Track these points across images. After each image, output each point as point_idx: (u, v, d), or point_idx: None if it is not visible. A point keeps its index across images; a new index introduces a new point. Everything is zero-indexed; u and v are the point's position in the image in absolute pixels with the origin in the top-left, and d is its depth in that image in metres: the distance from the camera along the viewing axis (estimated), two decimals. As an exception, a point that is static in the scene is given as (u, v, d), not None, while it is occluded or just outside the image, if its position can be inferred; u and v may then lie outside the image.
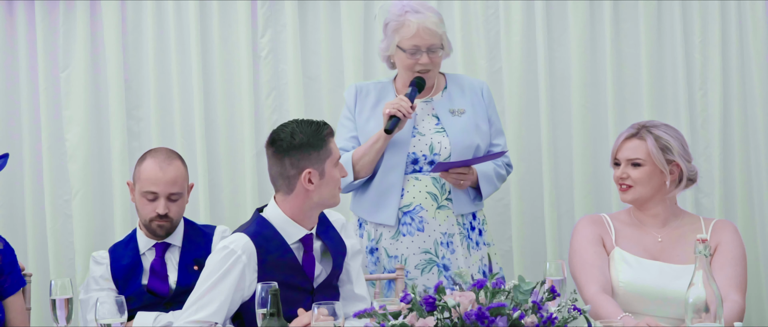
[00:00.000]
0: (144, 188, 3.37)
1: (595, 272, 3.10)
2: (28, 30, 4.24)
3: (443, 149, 3.60)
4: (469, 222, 3.67)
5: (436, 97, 3.68)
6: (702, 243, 2.48)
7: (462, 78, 3.78)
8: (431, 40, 3.55)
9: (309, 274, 3.01)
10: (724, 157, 4.23)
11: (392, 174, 3.59)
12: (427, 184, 3.61)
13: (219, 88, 4.25)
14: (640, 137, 3.16)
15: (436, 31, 3.55)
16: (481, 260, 3.68)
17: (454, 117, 3.64)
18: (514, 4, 4.22)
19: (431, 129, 3.63)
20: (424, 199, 3.59)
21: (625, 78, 4.25)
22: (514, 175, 4.21)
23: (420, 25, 3.53)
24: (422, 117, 3.65)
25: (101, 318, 2.67)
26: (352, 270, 3.13)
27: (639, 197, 3.17)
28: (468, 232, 3.66)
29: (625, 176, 3.17)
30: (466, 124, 3.63)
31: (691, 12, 4.23)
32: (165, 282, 3.39)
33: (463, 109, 3.66)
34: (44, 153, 4.23)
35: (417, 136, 3.61)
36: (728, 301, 2.94)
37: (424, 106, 3.66)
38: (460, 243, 3.62)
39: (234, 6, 4.25)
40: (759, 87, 4.21)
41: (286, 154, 2.93)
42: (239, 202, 4.26)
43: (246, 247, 2.92)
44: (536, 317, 2.35)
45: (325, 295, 3.01)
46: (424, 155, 3.60)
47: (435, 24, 3.55)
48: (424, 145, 3.61)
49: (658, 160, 3.13)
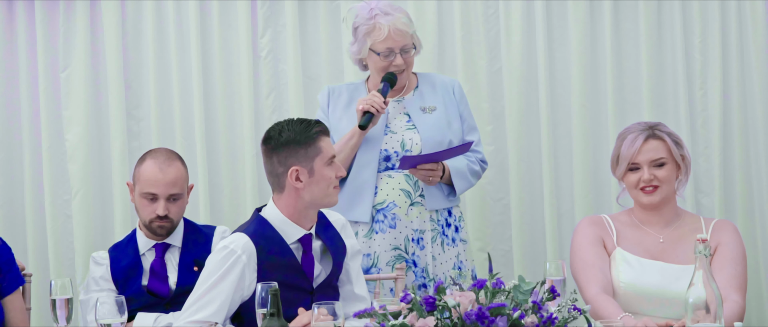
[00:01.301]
0: (144, 189, 3.37)
1: (595, 273, 3.10)
2: (28, 30, 4.24)
3: (414, 145, 3.63)
4: (444, 218, 3.69)
5: (408, 96, 3.71)
6: (702, 243, 2.48)
7: (434, 76, 3.81)
8: (403, 40, 3.60)
9: (308, 274, 3.01)
10: (724, 157, 4.23)
11: (365, 171, 3.62)
12: (401, 182, 3.63)
13: (219, 88, 4.25)
14: (657, 137, 3.15)
15: (406, 32, 3.60)
16: (457, 257, 3.69)
17: (425, 114, 3.67)
18: (514, 4, 4.23)
19: (403, 126, 3.66)
20: (398, 196, 3.62)
21: (625, 78, 4.25)
22: (514, 175, 4.22)
23: (391, 27, 3.57)
24: (394, 115, 3.69)
25: (101, 318, 2.67)
26: (352, 270, 3.13)
27: (665, 196, 3.16)
28: (443, 229, 3.68)
29: (651, 178, 3.14)
30: (438, 120, 3.66)
31: (691, 12, 4.23)
32: (165, 282, 3.39)
33: (434, 107, 3.69)
34: (44, 153, 4.23)
35: (389, 134, 3.65)
36: (728, 301, 2.94)
37: (396, 105, 3.70)
38: (432, 240, 3.64)
39: (234, 6, 4.25)
40: (759, 87, 4.21)
41: (274, 151, 2.94)
42: (239, 202, 4.26)
43: (246, 247, 2.91)
44: (536, 317, 2.35)
45: (325, 295, 3.01)
46: (396, 152, 3.63)
47: (405, 24, 3.59)
48: (395, 142, 3.64)
49: (677, 156, 3.15)
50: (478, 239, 4.24)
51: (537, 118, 4.23)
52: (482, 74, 4.24)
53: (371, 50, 3.62)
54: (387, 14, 3.58)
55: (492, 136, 4.24)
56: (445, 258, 3.66)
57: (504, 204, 4.26)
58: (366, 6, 3.63)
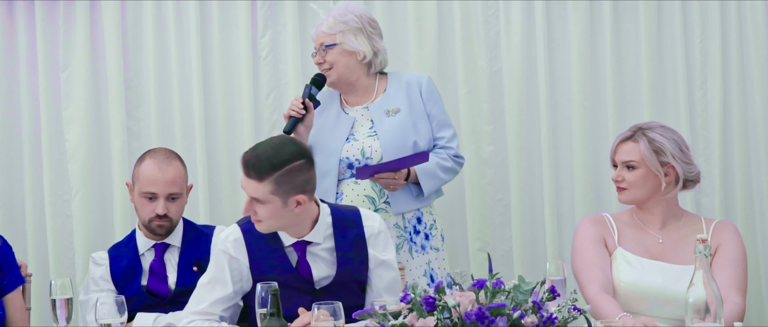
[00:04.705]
0: (143, 188, 3.37)
1: (596, 272, 3.10)
2: (28, 30, 4.24)
3: (374, 152, 3.64)
4: (412, 225, 3.69)
5: (376, 101, 3.73)
6: (702, 243, 2.48)
7: (402, 74, 3.81)
8: (322, 39, 3.70)
9: (304, 273, 3.01)
10: (724, 157, 4.23)
11: (326, 180, 3.64)
12: (366, 188, 3.65)
13: (219, 88, 4.25)
14: (634, 140, 3.16)
15: (326, 32, 3.68)
16: (428, 264, 3.68)
17: (388, 118, 3.68)
18: (514, 4, 4.22)
19: (365, 134, 3.68)
20: (362, 202, 3.62)
21: (625, 78, 4.25)
22: (514, 175, 4.22)
23: (316, 29, 3.73)
24: (361, 123, 3.71)
25: (101, 318, 2.67)
26: (374, 280, 3.10)
27: (634, 199, 3.18)
28: (411, 235, 3.68)
29: (620, 179, 3.19)
30: (401, 123, 3.67)
31: (691, 12, 4.23)
32: (164, 283, 3.39)
33: (397, 109, 3.70)
34: (44, 153, 4.23)
35: (351, 141, 3.68)
36: (728, 301, 2.94)
37: (364, 112, 3.72)
38: (398, 247, 3.63)
39: (234, 6, 4.25)
40: (759, 87, 4.21)
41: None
42: (239, 202, 4.25)
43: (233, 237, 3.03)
44: (536, 317, 2.35)
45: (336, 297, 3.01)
46: (357, 160, 3.65)
47: (329, 25, 3.69)
48: (356, 149, 3.66)
49: (651, 163, 3.13)
50: (478, 239, 4.24)
51: (537, 118, 4.23)
52: (482, 74, 4.24)
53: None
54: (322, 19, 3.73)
55: (492, 136, 4.24)
56: (414, 265, 3.66)
57: (504, 204, 4.26)
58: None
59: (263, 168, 2.89)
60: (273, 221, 2.95)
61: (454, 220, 4.24)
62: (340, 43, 3.67)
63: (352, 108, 3.74)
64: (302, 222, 3.01)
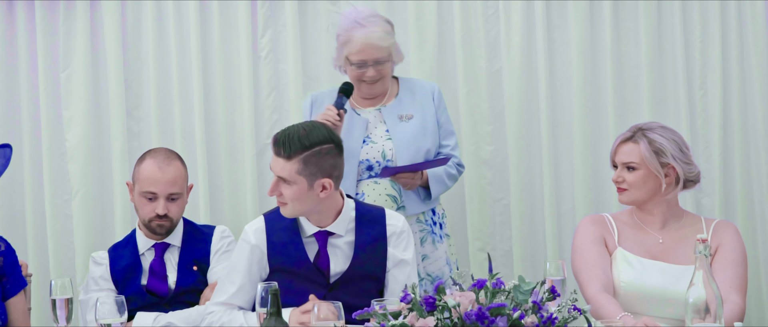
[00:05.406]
0: (143, 188, 3.37)
1: (597, 272, 3.10)
2: (28, 30, 4.24)
3: (394, 155, 3.69)
4: (430, 218, 3.75)
5: (388, 105, 3.76)
6: (702, 243, 2.48)
7: (414, 82, 3.85)
8: (376, 54, 3.65)
9: (322, 266, 3.05)
10: (724, 157, 4.23)
11: (345, 182, 3.64)
12: (387, 187, 3.69)
13: (219, 88, 4.25)
14: (634, 141, 3.16)
15: (380, 46, 3.64)
16: (445, 252, 3.76)
17: (402, 123, 3.73)
18: (514, 4, 4.23)
19: (382, 136, 3.72)
20: (384, 201, 3.66)
21: (625, 78, 4.25)
22: (514, 175, 4.22)
23: (364, 41, 3.63)
24: (375, 125, 3.74)
25: (101, 318, 2.67)
26: (391, 280, 3.12)
27: (634, 199, 3.18)
28: (431, 228, 3.74)
29: (620, 179, 3.19)
30: (415, 129, 3.72)
31: (691, 12, 4.23)
32: (164, 282, 3.39)
33: (411, 115, 3.74)
34: (44, 153, 4.23)
35: (369, 144, 3.71)
36: (728, 302, 2.94)
37: (377, 113, 3.75)
38: (421, 241, 3.71)
39: (234, 6, 4.25)
40: (759, 87, 4.20)
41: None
42: (239, 202, 4.26)
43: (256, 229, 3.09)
44: (536, 317, 2.35)
45: (349, 293, 3.02)
46: (377, 161, 3.69)
47: (379, 38, 3.63)
48: (376, 152, 3.69)
49: (652, 164, 3.13)
50: (478, 239, 4.24)
51: (537, 118, 4.23)
52: (482, 74, 4.24)
53: (347, 59, 3.69)
54: (363, 27, 3.64)
55: (492, 136, 4.24)
56: (438, 255, 3.73)
57: (504, 204, 4.26)
58: (349, 15, 3.69)
59: (293, 146, 2.93)
60: (297, 204, 2.98)
61: (454, 220, 4.24)
62: (392, 56, 3.69)
63: (364, 109, 3.77)
64: (326, 210, 3.04)
